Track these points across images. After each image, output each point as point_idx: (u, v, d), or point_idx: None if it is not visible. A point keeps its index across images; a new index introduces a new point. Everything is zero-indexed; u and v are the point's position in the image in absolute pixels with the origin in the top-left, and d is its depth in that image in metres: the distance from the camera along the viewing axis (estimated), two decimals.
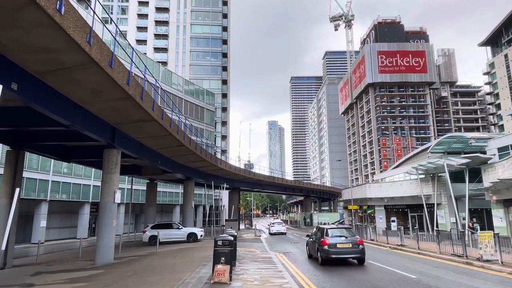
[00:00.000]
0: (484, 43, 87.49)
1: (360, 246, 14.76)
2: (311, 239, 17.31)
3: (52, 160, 27.66)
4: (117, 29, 12.55)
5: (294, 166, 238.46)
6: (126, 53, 15.42)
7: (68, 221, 35.86)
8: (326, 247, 14.50)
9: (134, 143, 18.57)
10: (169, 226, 27.53)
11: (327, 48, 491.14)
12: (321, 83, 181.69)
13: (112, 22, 12.18)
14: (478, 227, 27.65)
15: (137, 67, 14.82)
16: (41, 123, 13.58)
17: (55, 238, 33.38)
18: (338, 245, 14.57)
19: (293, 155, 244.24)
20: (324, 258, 14.62)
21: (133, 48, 14.41)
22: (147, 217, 32.11)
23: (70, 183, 34.12)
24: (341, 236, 15.13)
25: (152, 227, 25.93)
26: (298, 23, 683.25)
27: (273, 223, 42.78)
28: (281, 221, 45.19)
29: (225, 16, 73.47)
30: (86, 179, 36.04)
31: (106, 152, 16.55)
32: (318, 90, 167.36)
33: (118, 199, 16.34)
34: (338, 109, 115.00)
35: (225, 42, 71.66)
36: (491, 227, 24.01)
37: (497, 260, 13.85)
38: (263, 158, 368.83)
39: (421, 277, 11.71)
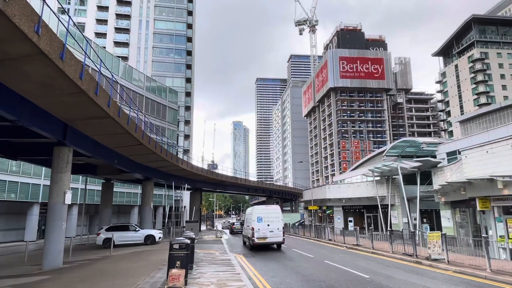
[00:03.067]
0: (437, 54, 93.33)
1: None
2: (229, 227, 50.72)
3: None
4: (70, 19, 11.81)
5: (258, 167, 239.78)
6: (79, 44, 14.59)
7: (15, 223, 33.40)
8: (232, 228, 45.75)
9: (88, 141, 17.62)
10: (125, 228, 26.52)
11: (292, 48, 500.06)
12: (286, 85, 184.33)
13: (66, 12, 11.38)
14: (428, 227, 29.30)
15: (92, 61, 14.06)
16: None
17: (0, 241, 30.96)
18: (236, 227, 44.21)
19: (257, 156, 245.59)
20: (231, 232, 45.04)
21: (87, 40, 13.65)
22: (102, 218, 30.69)
23: (18, 182, 31.85)
24: (238, 224, 45.13)
25: (107, 229, 24.81)
26: (262, 24, 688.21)
27: (224, 222, 70.70)
28: (229, 221, 65.23)
29: (190, 13, 72.21)
30: (36, 178, 33.80)
31: (56, 150, 15.57)
32: (282, 92, 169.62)
33: (68, 200, 15.43)
34: (301, 112, 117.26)
35: (189, 39, 70.40)
36: (439, 227, 25.48)
37: (444, 259, 14.69)
38: (227, 158, 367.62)
39: (373, 277, 12.12)
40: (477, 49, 78.16)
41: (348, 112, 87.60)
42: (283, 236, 22.13)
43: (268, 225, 21.72)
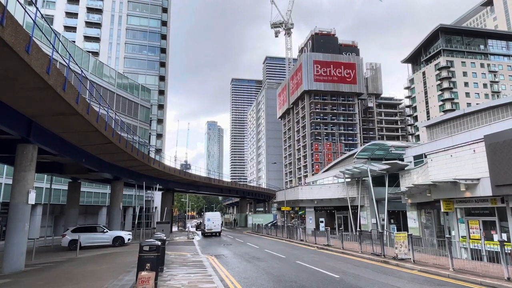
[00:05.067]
0: (407, 60, 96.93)
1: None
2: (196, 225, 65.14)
3: None
4: (38, 11, 11.26)
5: (232, 167, 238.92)
6: (47, 37, 13.97)
7: None
8: (197, 226, 60.09)
9: (54, 138, 16.87)
10: (92, 229, 25.66)
11: (266, 49, 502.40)
12: (261, 86, 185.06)
13: (33, 3, 10.76)
14: (395, 227, 30.29)
15: (61, 55, 13.45)
16: None
17: None
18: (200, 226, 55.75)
19: (232, 156, 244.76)
20: (196, 229, 58.10)
21: (55, 33, 13.09)
22: (68, 219, 29.48)
23: None
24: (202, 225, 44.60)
25: (73, 231, 23.88)
26: (237, 23, 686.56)
27: (192, 221, 78.86)
28: (197, 222, 72.07)
29: (165, 10, 70.91)
30: None
31: (20, 147, 14.81)
32: (258, 93, 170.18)
33: (32, 200, 14.71)
34: (276, 113, 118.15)
35: (164, 37, 69.08)
36: (406, 228, 26.39)
37: (410, 258, 15.22)
38: (201, 159, 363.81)
39: (343, 277, 12.37)
40: (443, 58, 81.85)
41: (321, 115, 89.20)
42: (221, 228, 40.76)
43: (213, 222, 39.44)
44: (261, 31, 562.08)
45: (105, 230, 25.66)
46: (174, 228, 58.53)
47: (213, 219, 39.65)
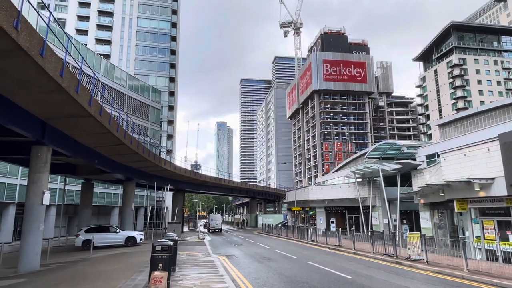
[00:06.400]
0: (418, 58, 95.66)
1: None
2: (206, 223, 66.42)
3: None
4: (51, 14, 11.47)
5: (241, 168, 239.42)
6: (60, 41, 14.20)
7: None
8: (205, 225, 62.81)
9: (67, 140, 17.15)
10: (105, 229, 26.01)
11: (275, 48, 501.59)
12: (270, 86, 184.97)
13: (46, 7, 10.90)
14: (408, 228, 29.92)
15: (74, 58, 13.75)
16: None
17: None
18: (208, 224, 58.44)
19: (241, 157, 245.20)
20: (204, 227, 62.79)
21: (69, 37, 13.30)
22: (82, 219, 29.94)
23: None
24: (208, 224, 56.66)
25: (86, 231, 24.25)
26: (245, 23, 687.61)
27: (201, 221, 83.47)
28: (205, 221, 76.19)
29: (174, 12, 71.47)
30: (12, 177, 32.61)
31: (34, 149, 15.10)
32: (267, 93, 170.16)
33: (46, 201, 14.98)
34: (285, 113, 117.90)
35: (174, 38, 69.63)
36: (418, 228, 26.05)
37: (423, 259, 15.03)
38: (210, 159, 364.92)
39: (355, 277, 12.28)
40: (455, 55, 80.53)
41: (331, 114, 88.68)
42: (221, 226, 53.71)
43: (215, 222, 52.43)
44: (269, 30, 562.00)
45: (117, 230, 25.97)
46: (185, 228, 58.94)
47: (215, 220, 53.45)
